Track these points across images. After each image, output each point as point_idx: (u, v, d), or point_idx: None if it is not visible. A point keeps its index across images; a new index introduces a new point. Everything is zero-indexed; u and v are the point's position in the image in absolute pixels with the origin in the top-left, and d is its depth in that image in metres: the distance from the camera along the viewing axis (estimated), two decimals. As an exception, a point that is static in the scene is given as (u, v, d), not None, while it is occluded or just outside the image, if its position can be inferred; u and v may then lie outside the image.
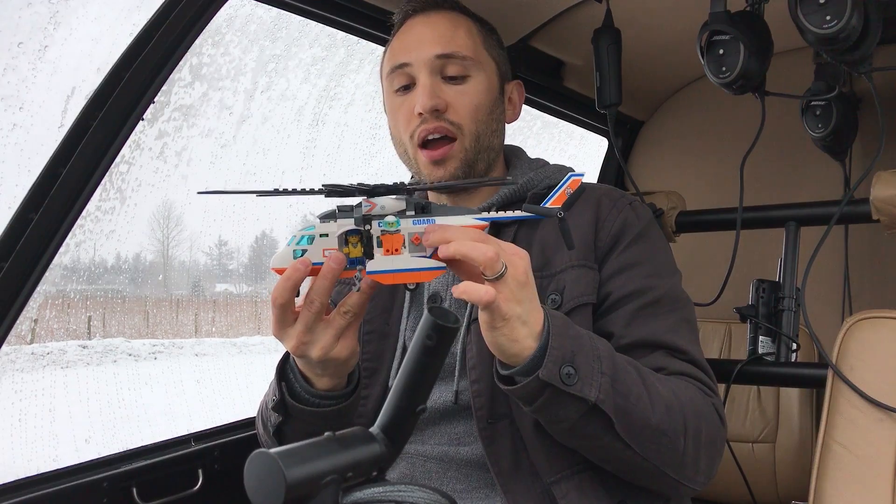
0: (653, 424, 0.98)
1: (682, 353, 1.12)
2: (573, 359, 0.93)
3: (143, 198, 1.98)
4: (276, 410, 1.06)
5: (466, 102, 1.21)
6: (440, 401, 1.16)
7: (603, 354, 0.97)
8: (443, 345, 0.74)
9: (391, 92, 1.25)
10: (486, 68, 1.25)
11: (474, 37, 1.25)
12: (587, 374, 0.94)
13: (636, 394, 0.98)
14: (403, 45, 1.24)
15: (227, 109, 2.38)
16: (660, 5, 1.80)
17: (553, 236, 1.18)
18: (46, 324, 4.71)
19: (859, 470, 1.18)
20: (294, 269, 0.89)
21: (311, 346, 0.94)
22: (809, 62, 1.86)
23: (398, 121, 1.24)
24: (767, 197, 1.77)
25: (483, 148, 1.23)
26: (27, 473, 1.26)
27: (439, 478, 1.13)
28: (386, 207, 0.90)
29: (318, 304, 0.91)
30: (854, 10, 1.26)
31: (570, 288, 1.14)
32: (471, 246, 0.86)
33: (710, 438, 1.06)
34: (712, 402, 1.09)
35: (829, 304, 2.08)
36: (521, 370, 0.93)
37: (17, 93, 1.57)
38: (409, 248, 0.90)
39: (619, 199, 1.23)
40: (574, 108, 2.23)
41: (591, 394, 0.93)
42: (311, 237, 0.91)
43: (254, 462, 0.64)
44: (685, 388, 1.07)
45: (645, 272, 1.16)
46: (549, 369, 0.91)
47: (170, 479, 1.42)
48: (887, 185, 1.40)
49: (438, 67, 1.20)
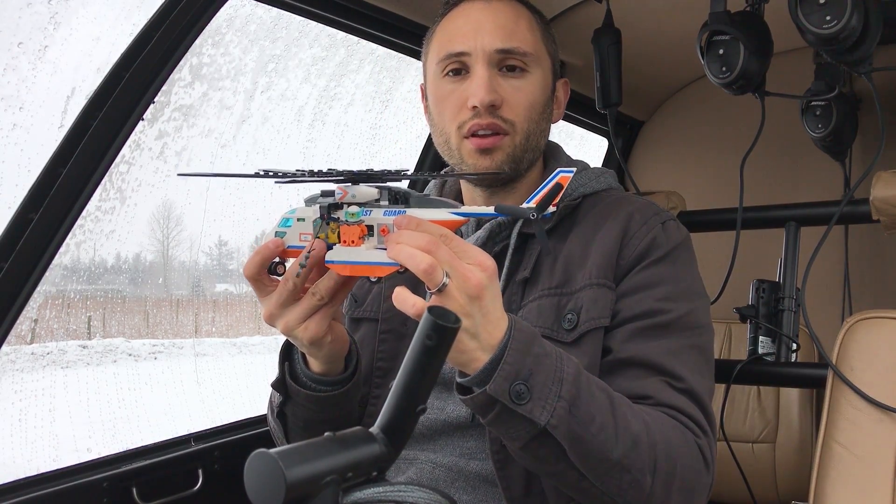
0: (613, 458, 0.91)
1: (678, 381, 1.03)
2: (528, 377, 0.87)
3: (143, 198, 1.98)
4: (276, 388, 1.08)
5: (522, 99, 1.15)
6: (454, 413, 1.14)
7: (567, 378, 0.90)
8: (443, 345, 0.73)
9: (439, 76, 1.18)
10: (543, 65, 1.19)
11: (535, 30, 1.18)
12: (541, 395, 0.88)
13: (599, 424, 0.91)
14: (461, 30, 1.16)
15: (227, 109, 2.38)
16: (660, 5, 1.80)
17: (578, 251, 1.13)
18: (46, 324, 4.70)
19: (859, 470, 1.18)
20: (265, 247, 0.94)
21: (279, 319, 0.96)
22: (809, 62, 1.86)
23: (445, 109, 1.17)
24: (767, 197, 1.77)
25: (531, 147, 1.18)
26: (27, 473, 1.26)
27: (447, 486, 1.12)
28: (357, 196, 0.89)
29: (290, 283, 0.93)
30: (854, 11, 1.26)
31: (588, 309, 1.07)
32: (408, 254, 0.82)
33: (686, 482, 0.98)
34: (697, 443, 1.00)
35: (829, 305, 2.08)
36: (473, 380, 0.89)
37: (17, 93, 1.57)
38: (378, 239, 0.89)
39: (652, 216, 1.15)
40: (574, 108, 2.24)
41: (541, 416, 0.87)
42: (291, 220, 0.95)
43: (254, 462, 0.64)
44: (663, 426, 0.98)
45: (660, 294, 1.08)
46: (499, 384, 0.86)
47: (170, 479, 1.42)
48: (887, 186, 1.40)
49: (497, 60, 1.14)
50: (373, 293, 1.25)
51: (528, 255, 1.16)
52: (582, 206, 1.20)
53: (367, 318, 1.24)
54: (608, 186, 1.25)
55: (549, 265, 1.14)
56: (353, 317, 1.26)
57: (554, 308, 1.10)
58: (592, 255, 1.12)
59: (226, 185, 3.00)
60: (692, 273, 1.16)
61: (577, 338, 1.07)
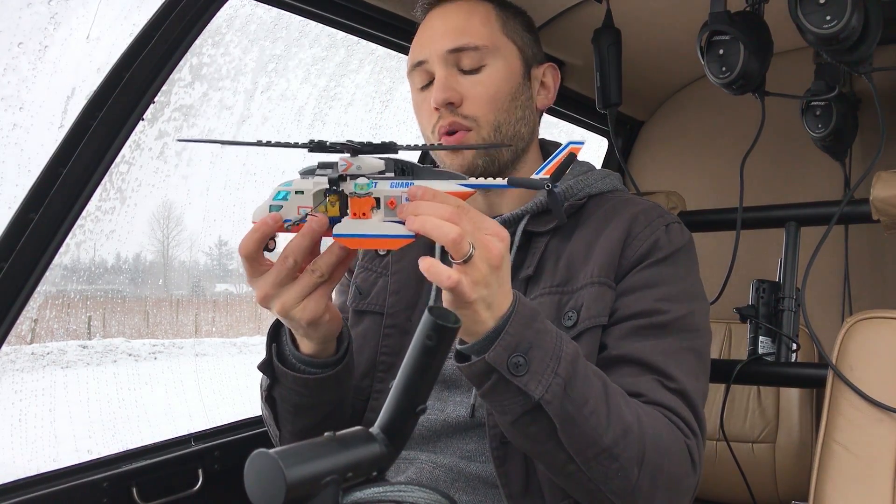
0: (603, 444, 0.92)
1: (671, 381, 1.03)
2: (528, 350, 0.88)
3: (143, 198, 1.99)
4: (263, 371, 1.05)
5: (482, 93, 1.17)
6: (454, 414, 1.13)
7: (565, 357, 0.90)
8: (443, 345, 0.74)
9: (415, 89, 1.23)
10: (506, 54, 1.20)
11: (492, 23, 1.20)
12: (538, 369, 0.88)
13: (592, 407, 0.91)
14: (420, 41, 1.22)
15: (227, 109, 2.38)
16: (660, 5, 1.80)
17: (583, 250, 1.13)
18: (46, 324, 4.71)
19: (859, 470, 1.18)
20: (263, 223, 0.88)
21: (275, 300, 0.91)
22: (809, 62, 1.86)
23: (421, 117, 1.22)
24: (767, 197, 1.77)
25: (506, 136, 1.18)
26: (27, 473, 1.26)
27: (446, 486, 1.11)
28: (363, 168, 0.86)
29: (291, 260, 0.89)
30: (854, 10, 1.26)
31: (588, 307, 1.08)
32: (434, 224, 0.80)
33: (672, 479, 0.98)
34: (686, 443, 1.01)
35: (829, 305, 2.08)
36: (472, 348, 0.89)
37: (17, 93, 1.58)
38: (385, 212, 0.86)
39: (656, 218, 1.16)
40: (574, 108, 2.23)
41: (536, 390, 0.88)
42: (287, 193, 0.89)
43: (254, 462, 0.64)
44: (654, 421, 0.98)
45: (659, 294, 1.09)
46: (498, 353, 0.87)
47: (170, 479, 1.42)
48: (887, 186, 1.40)
49: (453, 61, 1.17)
50: (378, 286, 1.24)
51: (531, 254, 1.16)
52: (587, 207, 1.20)
53: (372, 311, 1.23)
54: (613, 188, 1.25)
55: (553, 264, 1.15)
56: (358, 309, 1.25)
57: (555, 306, 1.11)
58: (595, 255, 1.12)
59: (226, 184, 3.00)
60: (693, 276, 1.16)
61: (576, 335, 1.07)
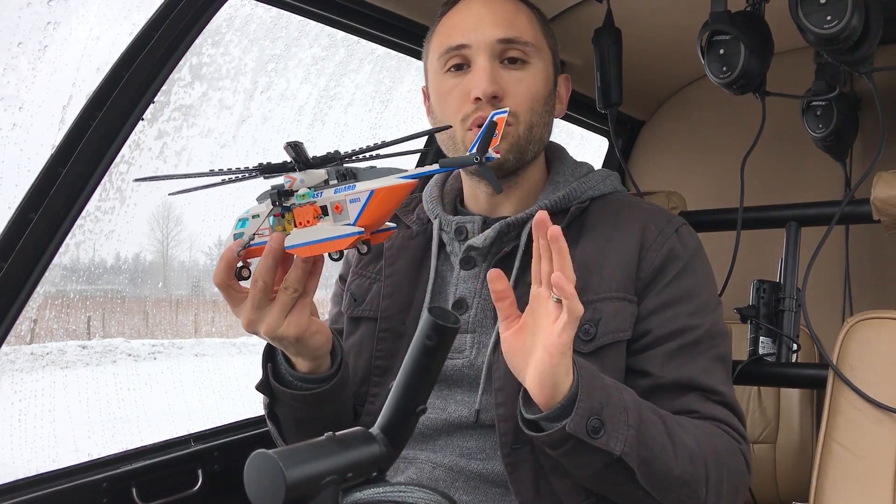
0: (675, 475, 0.98)
1: (716, 395, 1.10)
2: (601, 411, 0.92)
3: (143, 198, 1.98)
4: (261, 391, 1.08)
5: (524, 90, 1.15)
6: (456, 414, 1.13)
7: (630, 406, 0.96)
8: (443, 345, 0.74)
9: (441, 72, 1.18)
10: (545, 57, 1.20)
11: (534, 24, 1.20)
12: (614, 427, 0.93)
13: (661, 445, 0.97)
14: (461, 25, 1.17)
15: (226, 109, 2.38)
16: (660, 5, 1.80)
17: (594, 257, 1.13)
18: (46, 324, 4.70)
19: (860, 470, 1.18)
20: (227, 251, 0.93)
21: (259, 323, 0.95)
22: (810, 62, 1.86)
23: (447, 103, 1.17)
24: (768, 197, 1.77)
25: (534, 139, 1.18)
26: (27, 474, 1.26)
27: (447, 486, 1.11)
28: (307, 181, 0.89)
29: (261, 283, 0.93)
30: (854, 10, 1.26)
31: (607, 321, 1.09)
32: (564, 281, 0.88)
33: (732, 486, 1.06)
34: (740, 449, 1.08)
35: (829, 305, 2.08)
36: (549, 415, 0.93)
37: (17, 93, 1.57)
38: (334, 217, 0.88)
39: (666, 224, 1.17)
40: (574, 108, 2.23)
41: (616, 447, 0.93)
42: (246, 220, 0.94)
43: (254, 462, 0.64)
44: (710, 436, 1.05)
45: (688, 310, 1.12)
46: (577, 422, 0.90)
47: (170, 479, 1.42)
48: (888, 186, 1.40)
49: (498, 52, 1.15)
50: (372, 292, 1.24)
51: None
52: (591, 210, 1.20)
53: (367, 316, 1.23)
54: (614, 189, 1.25)
55: None
56: (352, 316, 1.25)
57: None
58: (609, 266, 1.12)
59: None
60: (710, 279, 1.20)
61: (595, 350, 1.08)
